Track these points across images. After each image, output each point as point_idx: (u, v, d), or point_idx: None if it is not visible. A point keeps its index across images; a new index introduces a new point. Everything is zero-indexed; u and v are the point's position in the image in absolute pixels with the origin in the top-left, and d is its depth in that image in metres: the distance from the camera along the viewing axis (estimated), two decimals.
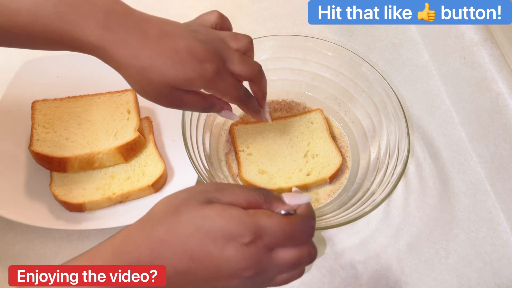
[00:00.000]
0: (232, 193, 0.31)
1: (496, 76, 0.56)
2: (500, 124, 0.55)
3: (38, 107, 0.56)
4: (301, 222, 0.31)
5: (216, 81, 0.39)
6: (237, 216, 0.29)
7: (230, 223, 0.29)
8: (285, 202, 0.33)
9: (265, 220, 0.29)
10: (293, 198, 0.33)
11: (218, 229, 0.29)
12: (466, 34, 0.61)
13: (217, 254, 0.29)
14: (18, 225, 0.52)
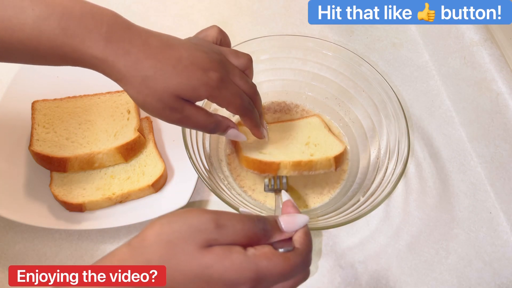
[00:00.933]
0: (233, 231, 0.30)
1: (496, 76, 0.56)
2: (500, 124, 0.55)
3: (38, 107, 0.56)
4: (299, 260, 0.31)
5: (221, 89, 0.39)
6: (238, 263, 0.29)
7: (230, 272, 0.28)
8: (283, 229, 0.32)
9: (265, 265, 0.29)
10: (290, 223, 0.33)
11: (219, 278, 0.28)
12: (466, 34, 0.61)
13: None
14: (18, 225, 0.52)
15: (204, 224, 0.30)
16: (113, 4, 0.74)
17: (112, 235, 0.52)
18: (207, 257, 0.29)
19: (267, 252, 0.30)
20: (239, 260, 0.29)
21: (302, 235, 0.33)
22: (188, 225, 0.30)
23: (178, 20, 0.73)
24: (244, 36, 0.71)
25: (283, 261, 0.30)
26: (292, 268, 0.30)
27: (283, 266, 0.30)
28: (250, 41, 0.56)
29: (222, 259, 0.29)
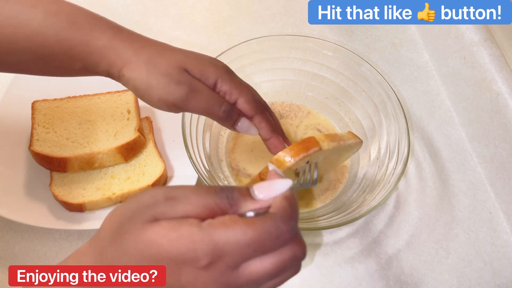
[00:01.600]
0: (185, 202, 0.25)
1: (496, 76, 0.56)
2: (500, 124, 0.55)
3: (38, 107, 0.56)
4: (273, 226, 0.24)
5: (231, 74, 0.39)
6: (187, 236, 0.23)
7: (179, 246, 0.23)
8: (256, 197, 0.26)
9: (223, 235, 0.23)
10: (266, 189, 0.26)
11: (166, 255, 0.23)
12: (466, 34, 0.61)
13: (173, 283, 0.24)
14: (18, 225, 0.52)
15: (153, 198, 0.25)
16: (113, 4, 0.74)
17: None
18: (149, 232, 0.24)
19: (226, 220, 0.24)
20: (188, 232, 0.23)
21: (280, 199, 0.25)
22: (137, 203, 0.26)
23: (178, 20, 0.73)
24: (244, 36, 0.71)
25: (246, 227, 0.23)
26: (261, 235, 0.24)
27: (247, 234, 0.23)
28: (250, 41, 0.56)
29: (168, 232, 0.23)
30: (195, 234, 0.23)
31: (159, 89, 0.36)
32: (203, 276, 0.24)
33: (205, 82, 0.38)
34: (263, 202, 0.25)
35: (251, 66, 0.59)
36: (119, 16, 0.73)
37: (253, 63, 0.59)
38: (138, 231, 0.24)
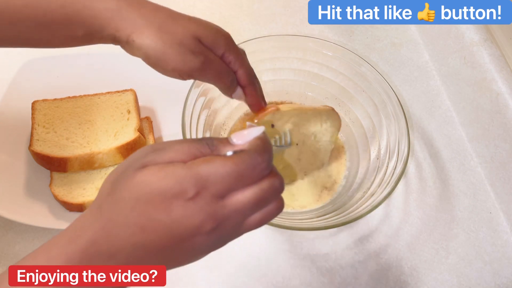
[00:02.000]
0: (170, 150, 0.27)
1: (496, 76, 0.56)
2: (500, 124, 0.55)
3: (38, 107, 0.56)
4: (248, 158, 0.27)
5: (235, 45, 0.41)
6: (173, 172, 0.26)
7: (166, 181, 0.25)
8: (233, 143, 0.28)
9: (205, 168, 0.26)
10: (242, 136, 0.28)
11: (156, 192, 0.26)
12: (466, 34, 0.61)
13: (165, 219, 0.26)
14: (18, 225, 0.52)
15: (142, 151, 0.28)
16: None
17: None
18: (139, 174, 0.26)
19: (207, 158, 0.27)
20: (172, 168, 0.26)
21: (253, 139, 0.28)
22: (129, 160, 0.28)
23: None
24: (244, 36, 0.71)
25: (226, 161, 0.26)
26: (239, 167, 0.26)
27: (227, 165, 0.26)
28: (250, 41, 0.56)
29: (156, 172, 0.26)
30: (180, 170, 0.26)
31: (175, 58, 0.37)
32: (191, 207, 0.26)
33: (216, 52, 0.39)
34: (240, 146, 0.28)
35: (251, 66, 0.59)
36: None
37: (253, 63, 0.58)
38: (129, 178, 0.26)
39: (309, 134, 0.54)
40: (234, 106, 0.61)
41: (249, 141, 0.28)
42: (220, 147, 0.28)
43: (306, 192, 0.55)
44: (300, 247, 0.52)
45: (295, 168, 0.55)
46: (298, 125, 0.53)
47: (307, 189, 0.55)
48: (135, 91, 0.59)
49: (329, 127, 0.55)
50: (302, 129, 0.53)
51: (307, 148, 0.55)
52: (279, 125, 0.51)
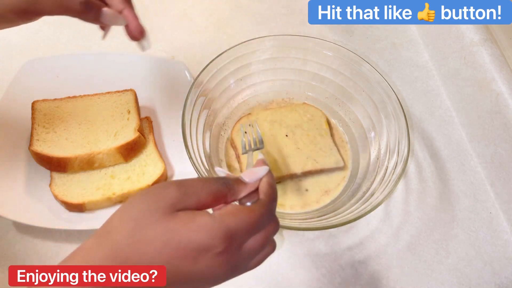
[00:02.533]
0: (195, 193, 0.29)
1: (496, 76, 0.56)
2: (500, 124, 0.55)
3: (38, 107, 0.56)
4: (264, 209, 0.31)
5: None
6: (205, 225, 0.28)
7: (199, 235, 0.27)
8: (245, 181, 0.32)
9: (232, 222, 0.28)
10: (251, 174, 0.33)
11: (187, 243, 0.27)
12: (466, 34, 0.61)
13: (190, 268, 0.27)
14: (18, 225, 0.52)
15: (166, 190, 0.29)
16: None
17: None
18: (172, 222, 0.27)
19: (232, 209, 0.29)
20: (204, 221, 0.28)
21: (265, 185, 0.32)
22: (149, 196, 0.29)
23: (178, 20, 0.73)
24: (244, 36, 0.71)
25: (248, 214, 0.30)
26: (259, 219, 0.30)
27: (250, 218, 0.29)
28: (250, 41, 0.56)
29: (187, 222, 0.27)
30: (210, 222, 0.28)
31: None
32: (217, 260, 0.28)
33: None
34: (251, 185, 0.32)
35: (251, 66, 0.59)
36: None
37: (253, 63, 0.59)
38: (160, 222, 0.27)
39: (295, 125, 0.58)
40: (234, 106, 0.61)
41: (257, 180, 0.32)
42: (236, 187, 0.32)
43: (306, 192, 0.55)
44: (300, 247, 0.52)
45: (299, 156, 0.56)
46: (277, 121, 0.58)
47: (307, 190, 0.55)
48: (135, 91, 0.59)
49: (311, 116, 0.60)
50: (283, 123, 0.58)
51: (300, 137, 0.57)
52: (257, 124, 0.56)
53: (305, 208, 0.54)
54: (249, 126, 0.54)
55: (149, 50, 0.43)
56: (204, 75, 0.53)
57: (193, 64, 0.67)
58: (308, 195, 0.55)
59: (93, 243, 0.28)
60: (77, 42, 0.69)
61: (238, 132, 0.58)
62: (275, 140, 0.57)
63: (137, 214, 0.28)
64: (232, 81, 0.59)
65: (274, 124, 0.58)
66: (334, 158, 0.56)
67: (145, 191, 0.30)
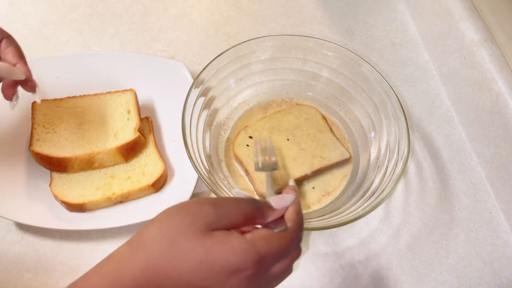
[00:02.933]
0: (229, 212, 0.31)
1: (496, 76, 0.56)
2: (500, 124, 0.55)
3: (38, 107, 0.56)
4: (293, 237, 0.33)
5: None
6: (240, 248, 0.29)
7: (232, 257, 0.29)
8: (273, 207, 0.34)
9: (264, 247, 0.30)
10: (280, 201, 0.35)
11: (221, 263, 0.29)
12: (466, 34, 0.61)
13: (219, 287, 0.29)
14: (18, 225, 0.52)
15: (202, 208, 0.30)
16: (113, 3, 0.74)
17: (112, 235, 0.52)
18: (208, 242, 0.29)
19: (265, 235, 0.31)
20: (239, 243, 0.29)
21: (293, 213, 0.34)
22: (187, 212, 0.30)
23: (178, 20, 0.73)
24: (244, 36, 0.71)
25: (279, 241, 0.31)
26: (288, 247, 0.32)
27: (280, 245, 0.31)
28: (250, 41, 0.56)
29: (223, 243, 0.29)
30: (244, 245, 0.29)
31: None
32: (245, 282, 0.29)
33: None
34: (279, 211, 0.34)
35: (251, 66, 0.59)
36: (119, 16, 0.73)
37: (253, 63, 0.59)
38: (197, 240, 0.29)
39: (293, 128, 0.58)
40: (234, 106, 0.61)
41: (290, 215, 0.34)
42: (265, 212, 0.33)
43: (307, 192, 0.55)
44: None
45: (305, 157, 0.56)
46: (275, 127, 0.58)
47: (307, 190, 0.55)
48: (135, 91, 0.59)
49: (307, 115, 0.60)
50: (281, 128, 0.58)
51: (302, 138, 0.57)
52: (256, 134, 0.57)
53: (306, 208, 0.54)
54: (261, 142, 0.54)
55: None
56: (204, 75, 0.53)
57: (193, 64, 0.67)
58: (308, 195, 0.55)
59: (126, 252, 0.30)
60: (77, 42, 0.69)
61: (240, 146, 0.56)
62: (278, 147, 0.56)
63: (175, 230, 0.29)
64: (232, 81, 0.59)
65: (273, 131, 0.58)
66: (339, 151, 0.56)
67: (182, 206, 0.31)
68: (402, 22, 0.75)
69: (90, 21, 0.72)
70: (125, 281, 0.28)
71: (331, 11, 0.75)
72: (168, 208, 0.31)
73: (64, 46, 0.69)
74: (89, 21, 0.72)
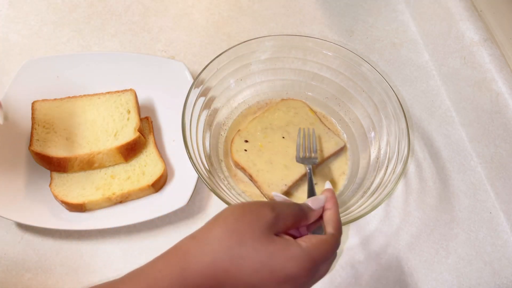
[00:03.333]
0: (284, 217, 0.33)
1: (496, 76, 0.56)
2: (500, 124, 0.55)
3: (38, 107, 0.56)
4: (337, 243, 0.35)
5: None
6: (298, 257, 0.31)
7: (291, 264, 0.31)
8: (312, 207, 0.36)
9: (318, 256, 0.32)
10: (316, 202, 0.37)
11: (281, 269, 0.31)
12: (466, 34, 0.61)
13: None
14: (18, 225, 0.52)
15: (262, 210, 0.33)
16: (113, 4, 0.74)
17: (112, 235, 0.52)
18: (271, 246, 0.31)
19: (316, 242, 0.33)
20: (298, 252, 0.31)
21: (335, 220, 0.36)
22: (250, 213, 0.32)
23: (178, 20, 0.73)
24: (244, 36, 0.71)
25: (327, 247, 0.33)
26: (333, 251, 0.34)
27: (328, 251, 0.33)
28: (250, 41, 0.56)
29: (283, 250, 0.31)
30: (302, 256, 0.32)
31: None
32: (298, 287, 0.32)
33: None
34: (317, 211, 0.37)
35: (251, 66, 0.59)
36: (119, 16, 0.73)
37: (253, 63, 0.59)
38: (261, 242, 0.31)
39: (285, 124, 0.59)
40: (234, 106, 0.61)
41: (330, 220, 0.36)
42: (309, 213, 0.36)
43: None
44: None
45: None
46: (268, 126, 0.58)
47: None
48: (135, 91, 0.59)
49: (296, 110, 0.60)
50: (274, 126, 0.58)
51: (296, 133, 0.57)
52: (251, 138, 0.57)
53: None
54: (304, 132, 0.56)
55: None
56: (204, 75, 0.53)
57: (193, 64, 0.67)
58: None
59: (193, 247, 0.31)
60: (77, 42, 0.69)
61: (238, 152, 0.56)
62: (275, 146, 0.56)
63: (239, 228, 0.31)
64: (232, 81, 0.59)
65: (267, 131, 0.58)
66: (333, 141, 0.57)
67: (244, 206, 0.33)
68: (402, 22, 0.75)
69: (90, 21, 0.72)
70: (192, 276, 0.30)
71: (331, 11, 0.75)
72: (231, 207, 0.33)
73: (64, 46, 0.69)
74: (89, 21, 0.72)
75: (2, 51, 0.67)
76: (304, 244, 0.32)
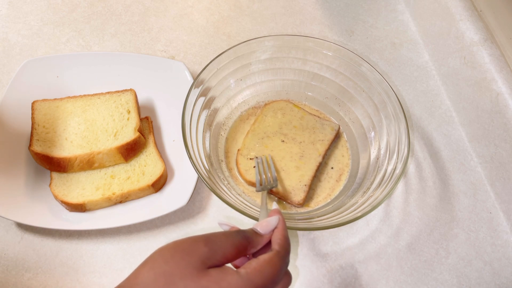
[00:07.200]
0: (221, 248, 0.31)
1: (496, 76, 0.56)
2: (500, 124, 0.55)
3: (38, 107, 0.56)
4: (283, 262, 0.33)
5: None
6: (236, 285, 0.29)
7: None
8: (260, 233, 0.35)
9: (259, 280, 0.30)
10: (266, 226, 0.35)
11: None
12: (466, 34, 0.61)
13: None
14: (18, 225, 0.52)
15: (194, 245, 0.31)
16: (113, 4, 0.74)
17: (112, 235, 0.52)
18: (203, 280, 0.29)
19: (256, 266, 0.31)
20: (235, 280, 0.29)
21: (280, 237, 0.35)
22: (180, 251, 0.30)
23: (178, 20, 0.73)
24: (244, 36, 0.71)
25: (270, 269, 0.31)
26: (279, 271, 0.32)
27: (272, 273, 0.31)
28: (250, 41, 0.56)
29: (218, 281, 0.29)
30: (240, 283, 0.29)
31: None
32: None
33: None
34: (266, 237, 0.35)
35: (251, 66, 0.59)
36: (119, 16, 0.73)
37: (253, 63, 0.59)
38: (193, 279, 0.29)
39: (279, 127, 0.59)
40: (234, 106, 0.61)
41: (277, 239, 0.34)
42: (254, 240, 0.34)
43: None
44: (300, 247, 0.52)
45: (307, 148, 0.57)
46: (263, 136, 0.58)
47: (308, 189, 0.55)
48: (135, 91, 0.59)
49: (282, 110, 0.60)
50: (269, 133, 0.58)
51: (293, 133, 0.58)
52: (253, 154, 0.56)
53: (306, 208, 0.54)
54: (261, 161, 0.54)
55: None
56: (204, 75, 0.54)
57: (193, 64, 0.67)
58: (308, 195, 0.55)
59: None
60: (77, 42, 0.69)
61: (248, 171, 0.55)
62: (279, 152, 0.56)
63: (168, 270, 0.29)
64: (232, 81, 0.59)
65: (264, 141, 0.57)
66: (328, 127, 0.58)
67: (175, 244, 0.31)
68: (402, 22, 0.75)
69: (90, 21, 0.72)
70: None
71: (331, 11, 0.75)
72: (160, 248, 0.31)
73: (64, 46, 0.69)
74: (89, 21, 0.72)
75: (2, 51, 0.67)
76: (243, 271, 0.31)
